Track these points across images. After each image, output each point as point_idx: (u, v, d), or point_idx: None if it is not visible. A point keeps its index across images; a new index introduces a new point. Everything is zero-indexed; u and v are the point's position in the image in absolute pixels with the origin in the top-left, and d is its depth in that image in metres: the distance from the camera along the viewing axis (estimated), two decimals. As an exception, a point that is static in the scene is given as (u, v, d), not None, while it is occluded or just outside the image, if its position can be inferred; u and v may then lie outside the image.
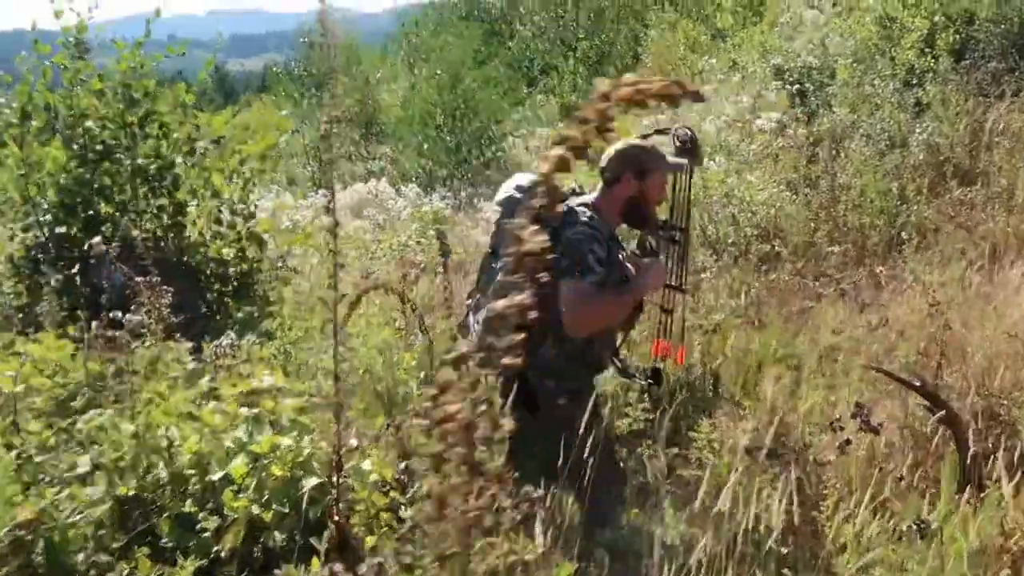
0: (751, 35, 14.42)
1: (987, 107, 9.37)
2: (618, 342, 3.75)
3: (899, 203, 7.97)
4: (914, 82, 10.81)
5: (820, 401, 4.27)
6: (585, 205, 3.54)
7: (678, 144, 3.77)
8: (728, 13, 16.67)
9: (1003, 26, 11.22)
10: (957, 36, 11.39)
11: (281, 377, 3.16)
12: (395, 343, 4.82)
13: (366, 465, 2.78)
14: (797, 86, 11.96)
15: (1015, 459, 3.47)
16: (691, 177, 3.90)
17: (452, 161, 15.27)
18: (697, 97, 0.87)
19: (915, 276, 6.06)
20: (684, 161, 3.73)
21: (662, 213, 3.84)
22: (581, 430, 3.31)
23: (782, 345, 5.07)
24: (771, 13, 15.06)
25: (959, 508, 2.98)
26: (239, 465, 2.58)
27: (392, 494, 2.76)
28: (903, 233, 7.47)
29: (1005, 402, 4.35)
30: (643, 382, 3.76)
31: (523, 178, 3.68)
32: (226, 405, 2.85)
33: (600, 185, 3.65)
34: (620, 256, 3.58)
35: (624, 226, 3.72)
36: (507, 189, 3.63)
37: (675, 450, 3.88)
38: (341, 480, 2.53)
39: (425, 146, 15.82)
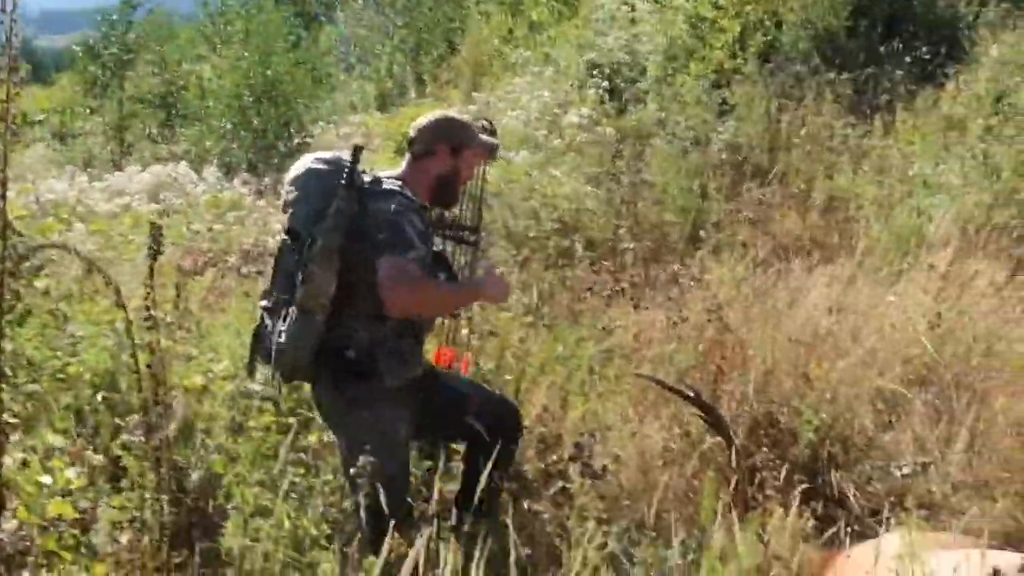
0: (565, 30, 14.29)
1: (788, 109, 9.46)
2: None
3: (700, 201, 7.93)
4: (722, 82, 10.85)
5: (594, 409, 4.04)
6: (392, 178, 3.27)
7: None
8: (543, 7, 16.50)
9: (808, 30, 11.39)
10: (765, 39, 11.50)
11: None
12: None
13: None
14: (608, 82, 11.88)
15: (789, 472, 3.33)
16: (484, 175, 3.63)
17: (257, 146, 14.63)
18: None
19: (707, 275, 5.95)
20: (497, 142, 3.54)
21: (451, 213, 3.59)
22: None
23: (567, 347, 4.82)
24: (585, 8, 14.96)
25: (729, 529, 2.76)
26: None
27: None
28: (701, 231, 7.42)
29: (785, 410, 4.23)
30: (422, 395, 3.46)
31: (321, 154, 3.31)
32: None
33: (408, 158, 3.36)
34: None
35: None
36: (304, 164, 3.26)
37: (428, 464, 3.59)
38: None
39: (229, 129, 15.11)
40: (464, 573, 2.21)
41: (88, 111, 19.63)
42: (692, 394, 3.44)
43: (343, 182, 3.10)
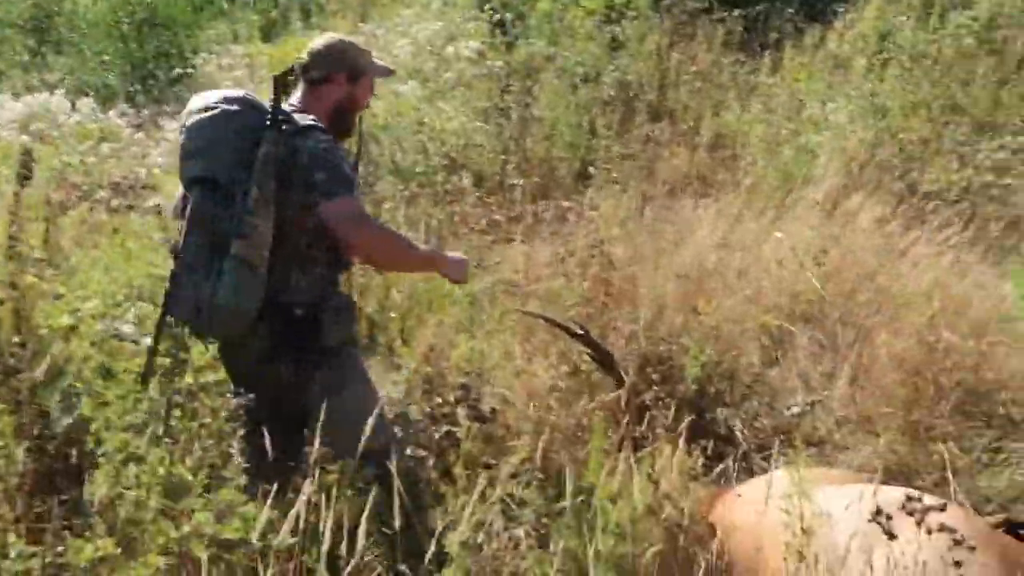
0: (456, -41, 14.02)
1: (679, 46, 9.42)
2: None
3: (589, 137, 7.88)
4: (613, 18, 10.74)
5: (480, 348, 3.95)
6: (294, 110, 3.06)
7: None
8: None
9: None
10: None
11: None
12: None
13: None
14: (498, 15, 11.69)
15: (677, 410, 3.29)
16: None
17: (137, 76, 14.05)
18: None
19: (595, 212, 5.90)
20: (392, 68, 3.42)
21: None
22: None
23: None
24: (473, -63, 14.69)
25: (615, 469, 2.71)
26: None
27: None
28: (590, 168, 7.36)
29: (674, 347, 4.22)
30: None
31: (229, 94, 3.02)
32: None
33: (302, 86, 3.16)
34: None
35: None
36: (212, 105, 2.96)
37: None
38: None
39: (106, 58, 14.49)
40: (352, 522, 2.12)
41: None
42: (580, 331, 3.37)
43: (269, 123, 2.87)
